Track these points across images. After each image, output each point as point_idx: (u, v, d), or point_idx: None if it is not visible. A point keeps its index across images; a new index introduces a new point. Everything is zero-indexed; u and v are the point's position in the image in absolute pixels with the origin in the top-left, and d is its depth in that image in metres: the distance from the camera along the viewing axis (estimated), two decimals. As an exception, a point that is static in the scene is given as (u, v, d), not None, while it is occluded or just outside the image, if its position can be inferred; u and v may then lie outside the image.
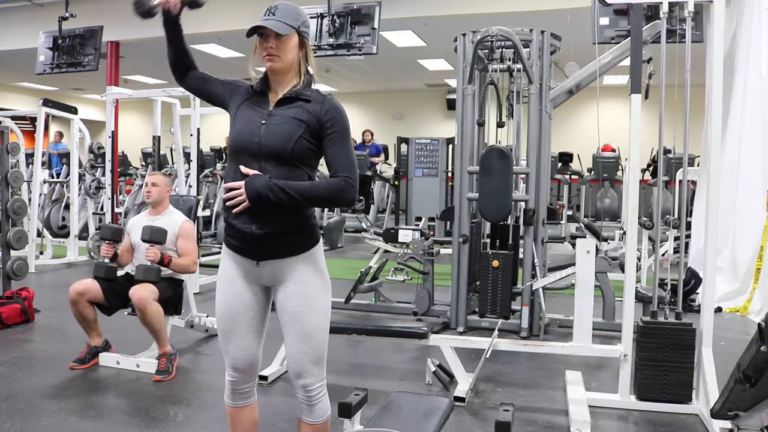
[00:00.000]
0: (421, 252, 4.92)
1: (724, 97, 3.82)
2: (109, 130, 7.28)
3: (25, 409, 3.05)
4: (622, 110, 3.64)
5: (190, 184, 6.69)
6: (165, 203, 3.92)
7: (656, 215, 6.77)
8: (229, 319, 2.00)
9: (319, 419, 2.01)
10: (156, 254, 3.61)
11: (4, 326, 4.52)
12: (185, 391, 3.38)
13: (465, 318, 4.65)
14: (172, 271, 3.77)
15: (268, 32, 1.88)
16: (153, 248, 3.62)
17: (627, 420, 3.09)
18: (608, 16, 4.92)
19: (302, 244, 1.95)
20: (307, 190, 1.87)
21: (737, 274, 5.62)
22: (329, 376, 2.07)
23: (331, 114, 1.90)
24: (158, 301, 3.57)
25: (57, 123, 9.38)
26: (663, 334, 3.13)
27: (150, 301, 3.50)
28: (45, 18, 8.82)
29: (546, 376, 3.68)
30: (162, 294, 3.62)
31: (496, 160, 4.09)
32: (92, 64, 7.47)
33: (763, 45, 5.56)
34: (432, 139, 9.90)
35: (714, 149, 3.22)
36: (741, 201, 5.63)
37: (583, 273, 3.32)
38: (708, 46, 3.33)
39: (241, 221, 1.90)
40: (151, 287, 3.56)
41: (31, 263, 6.64)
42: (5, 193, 4.86)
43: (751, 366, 2.09)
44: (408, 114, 16.03)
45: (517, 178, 5.33)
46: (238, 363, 2.03)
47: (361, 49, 5.91)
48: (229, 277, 2.00)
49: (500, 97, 4.75)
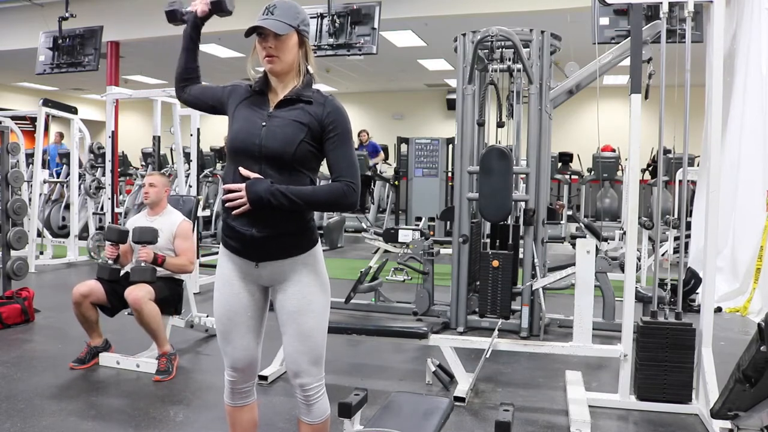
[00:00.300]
0: (421, 252, 4.92)
1: (724, 97, 3.83)
2: (109, 130, 7.27)
3: (25, 409, 3.05)
4: (622, 110, 3.64)
5: (190, 184, 6.69)
6: (163, 203, 3.92)
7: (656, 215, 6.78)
8: (228, 320, 2.00)
9: (318, 419, 2.01)
10: (148, 254, 3.60)
11: (4, 326, 4.52)
12: (185, 391, 3.38)
13: (465, 318, 4.65)
14: (169, 271, 3.77)
15: (266, 32, 1.86)
16: (145, 248, 3.61)
17: (627, 420, 3.09)
18: (608, 16, 4.92)
19: (301, 245, 1.94)
20: (309, 194, 1.87)
21: (737, 274, 5.62)
22: (329, 376, 2.07)
23: (333, 116, 1.89)
24: (155, 301, 3.57)
25: (57, 123, 9.37)
26: (663, 334, 3.13)
27: (146, 302, 3.50)
28: (45, 18, 8.82)
29: (546, 376, 3.68)
30: (158, 294, 3.61)
31: (496, 160, 4.09)
32: (92, 64, 7.46)
33: (763, 45, 5.56)
34: (432, 139, 9.89)
35: (714, 149, 3.22)
36: (741, 201, 5.63)
37: (583, 273, 3.32)
38: (708, 46, 3.33)
39: (240, 223, 1.89)
40: (147, 287, 3.56)
41: (31, 263, 6.65)
42: (5, 193, 4.86)
43: (751, 366, 2.09)
44: (408, 114, 16.03)
45: (517, 178, 5.33)
46: (237, 363, 2.03)
47: (361, 49, 5.91)
48: (226, 277, 2.00)
49: (500, 97, 4.75)
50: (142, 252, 3.60)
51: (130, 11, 9.05)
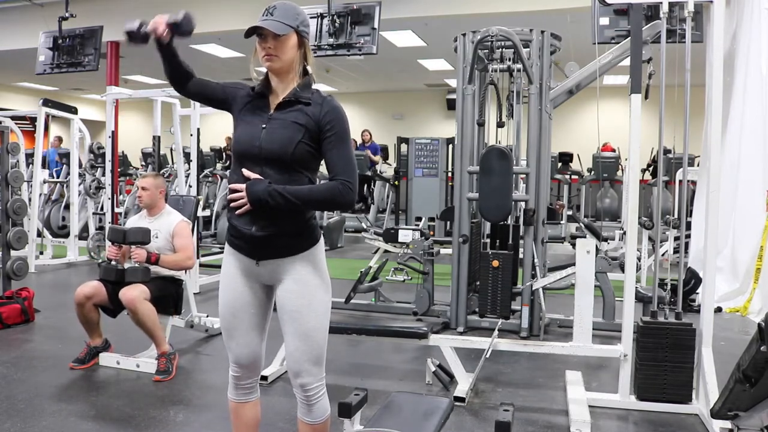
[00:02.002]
0: (421, 252, 4.92)
1: (724, 97, 3.82)
2: (109, 130, 7.27)
3: (25, 409, 3.05)
4: (622, 110, 3.64)
5: (190, 184, 6.69)
6: (160, 204, 3.90)
7: (656, 215, 6.78)
8: (232, 317, 2.03)
9: (318, 419, 2.02)
10: (141, 255, 3.60)
11: (4, 326, 4.52)
12: (185, 391, 3.38)
13: (465, 318, 4.65)
14: (168, 269, 3.76)
15: (266, 32, 1.88)
16: (138, 249, 3.61)
17: (627, 420, 3.09)
18: (608, 16, 4.92)
19: (302, 244, 1.96)
20: (306, 194, 1.89)
21: (737, 274, 5.62)
22: (329, 376, 2.08)
23: (331, 116, 1.91)
24: (151, 301, 3.56)
25: (57, 123, 9.37)
26: (663, 334, 3.13)
27: (140, 301, 3.49)
28: (45, 18, 8.82)
29: (546, 376, 3.68)
30: (153, 293, 3.60)
31: (496, 160, 4.09)
32: (92, 64, 7.47)
33: (763, 45, 5.56)
34: (432, 139, 9.89)
35: (714, 149, 3.22)
36: (741, 201, 5.63)
37: (583, 273, 3.32)
38: (708, 46, 3.32)
39: (242, 222, 1.93)
40: (141, 287, 3.55)
41: (31, 263, 6.64)
42: (5, 193, 4.85)
43: (751, 366, 2.09)
44: (408, 114, 16.03)
45: (517, 178, 5.33)
46: (241, 359, 2.06)
47: (361, 49, 5.91)
48: (231, 275, 2.03)
49: (500, 97, 4.76)
50: (135, 252, 3.60)
51: (130, 11, 8.98)
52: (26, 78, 14.47)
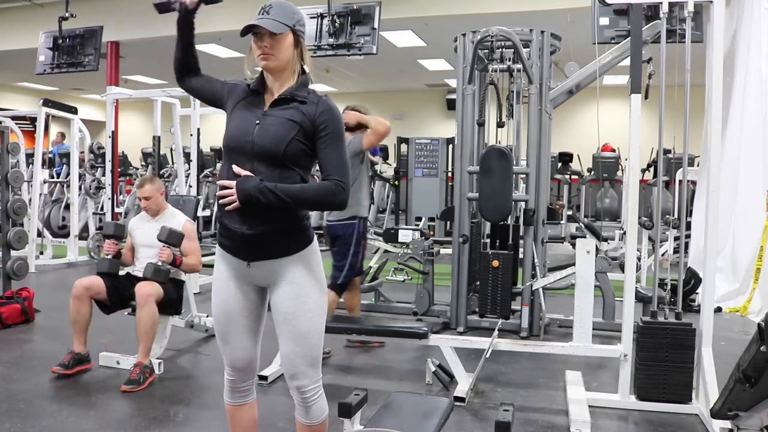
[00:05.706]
0: (421, 252, 4.91)
1: (724, 97, 3.82)
2: (109, 130, 7.28)
3: (25, 409, 3.05)
4: (622, 110, 3.64)
5: (190, 184, 6.69)
6: (163, 205, 3.92)
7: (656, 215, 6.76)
8: (225, 320, 2.01)
9: (316, 420, 2.01)
10: (169, 255, 3.61)
11: (4, 326, 4.52)
12: (185, 391, 3.38)
13: (465, 318, 4.65)
14: (183, 272, 3.78)
15: (262, 31, 1.87)
16: (167, 249, 3.61)
17: (627, 420, 3.09)
18: (608, 16, 4.92)
19: (294, 244, 1.94)
20: (298, 192, 1.87)
21: (737, 274, 5.62)
22: (329, 376, 2.08)
23: (326, 116, 1.90)
24: (159, 304, 3.56)
25: (57, 123, 9.37)
26: (663, 334, 3.13)
27: (150, 301, 3.49)
28: (45, 18, 8.81)
29: (546, 376, 3.68)
30: (165, 295, 3.62)
31: (496, 160, 4.09)
32: (92, 64, 7.47)
33: (763, 45, 5.55)
34: (432, 139, 9.88)
35: (714, 149, 3.22)
36: (741, 201, 5.63)
37: (583, 273, 3.32)
38: (708, 46, 3.32)
39: (232, 220, 1.91)
40: (157, 286, 3.56)
41: (31, 263, 6.64)
42: (5, 193, 4.85)
43: (751, 366, 2.09)
44: (408, 114, 16.02)
45: (517, 178, 5.32)
46: (236, 362, 2.04)
47: (361, 49, 5.91)
48: (223, 278, 2.01)
49: (500, 97, 4.75)
50: (163, 252, 3.60)
51: (130, 11, 9.04)
52: (26, 78, 14.47)
